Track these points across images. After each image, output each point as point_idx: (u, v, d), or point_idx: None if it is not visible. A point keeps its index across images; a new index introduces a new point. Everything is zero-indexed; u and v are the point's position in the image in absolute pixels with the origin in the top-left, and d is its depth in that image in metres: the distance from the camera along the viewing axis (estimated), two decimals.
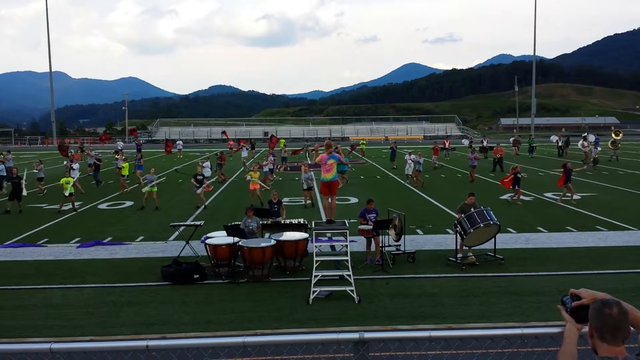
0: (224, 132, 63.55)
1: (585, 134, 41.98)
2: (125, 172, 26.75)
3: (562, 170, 21.11)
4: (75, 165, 26.40)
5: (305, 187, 21.40)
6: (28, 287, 11.55)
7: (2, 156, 31.78)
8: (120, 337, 8.48)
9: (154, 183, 20.87)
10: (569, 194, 21.10)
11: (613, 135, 42.27)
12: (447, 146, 45.47)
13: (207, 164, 25.42)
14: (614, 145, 40.07)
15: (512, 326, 8.41)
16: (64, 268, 12.96)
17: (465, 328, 8.45)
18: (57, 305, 10.41)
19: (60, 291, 11.27)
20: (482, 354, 4.87)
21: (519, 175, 21.05)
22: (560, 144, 44.81)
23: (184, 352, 3.13)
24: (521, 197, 21.36)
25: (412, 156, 27.61)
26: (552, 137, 50.52)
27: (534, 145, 46.13)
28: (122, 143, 59.64)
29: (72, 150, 35.96)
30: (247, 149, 40.77)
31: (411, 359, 4.24)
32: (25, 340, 8.60)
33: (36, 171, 26.14)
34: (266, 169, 26.99)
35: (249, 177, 21.78)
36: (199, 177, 21.40)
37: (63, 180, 20.71)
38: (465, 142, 51.75)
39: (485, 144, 45.24)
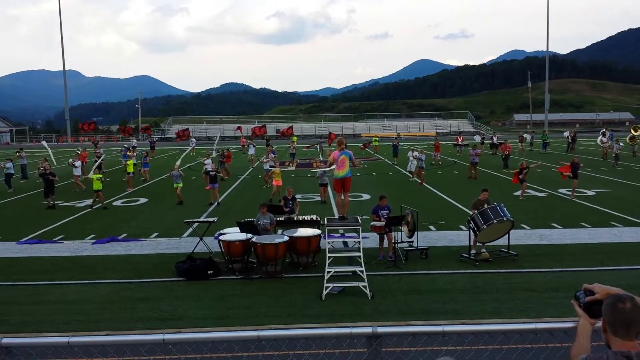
0: (238, 128, 63.62)
1: (604, 130, 41.49)
2: (130, 169, 26.95)
3: (570, 164, 21.24)
4: (77, 163, 26.48)
5: (319, 182, 21.54)
6: (45, 283, 11.72)
7: (16, 154, 32.18)
8: (136, 332, 8.58)
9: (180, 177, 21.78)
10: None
11: (632, 130, 41.67)
12: (460, 142, 45.29)
13: (209, 161, 25.31)
14: (632, 141, 39.59)
15: (525, 321, 8.40)
16: (80, 264, 13.12)
17: (479, 324, 8.45)
18: (74, 301, 10.54)
19: (77, 287, 11.42)
20: (495, 349, 4.88)
21: (523, 171, 21.06)
22: (570, 139, 44.63)
23: (199, 345, 3.17)
24: (524, 192, 21.28)
25: (415, 153, 27.53)
26: (564, 133, 50.26)
27: (548, 141, 45.86)
28: (135, 140, 59.98)
29: (80, 149, 36.19)
30: (253, 146, 40.06)
31: (424, 354, 4.25)
32: (43, 334, 8.72)
33: (41, 168, 26.38)
34: (266, 166, 26.60)
35: (274, 176, 22.15)
36: (212, 173, 21.46)
37: (94, 176, 21.03)
38: (477, 138, 51.49)
39: (495, 140, 45.02)
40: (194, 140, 55.81)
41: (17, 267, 12.97)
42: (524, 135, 51.34)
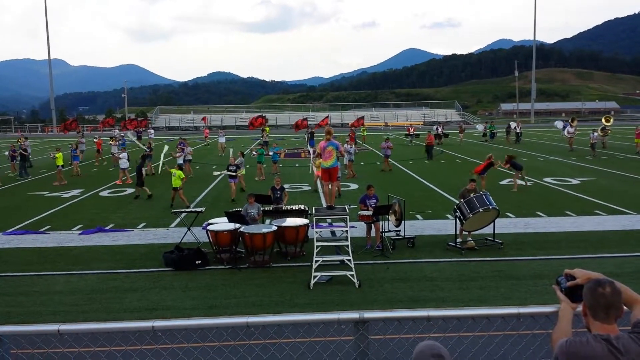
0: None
1: (569, 120, 41.05)
2: (60, 162, 25.37)
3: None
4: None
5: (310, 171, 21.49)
6: (31, 273, 11.66)
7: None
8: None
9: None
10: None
11: (603, 121, 40.97)
12: (411, 133, 45.87)
13: (125, 155, 24.55)
14: (603, 132, 39.06)
15: (508, 307, 8.53)
16: (67, 255, 13.07)
17: (463, 309, 8.56)
18: (61, 292, 10.52)
19: (64, 278, 11.38)
20: (478, 336, 4.97)
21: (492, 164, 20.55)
22: (518, 130, 45.01)
23: (189, 332, 3.20)
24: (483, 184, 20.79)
25: (346, 145, 27.15)
26: (511, 123, 50.49)
27: (495, 131, 46.41)
28: (118, 131, 59.38)
29: (96, 137, 35.84)
30: (223, 135, 42.05)
31: (409, 341, 4.32)
32: (33, 324, 8.70)
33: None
34: (180, 160, 24.61)
35: (314, 167, 21.89)
36: (232, 168, 20.66)
37: (174, 171, 19.39)
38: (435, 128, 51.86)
39: (440, 131, 45.04)
40: (151, 131, 55.63)
41: (2, 258, 12.88)
42: (477, 126, 52.48)
